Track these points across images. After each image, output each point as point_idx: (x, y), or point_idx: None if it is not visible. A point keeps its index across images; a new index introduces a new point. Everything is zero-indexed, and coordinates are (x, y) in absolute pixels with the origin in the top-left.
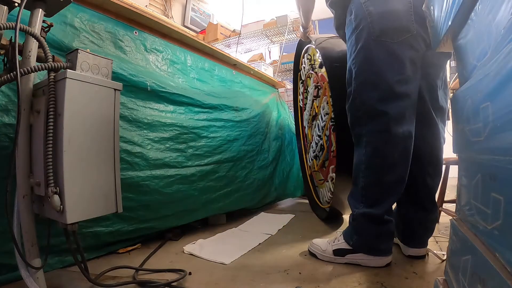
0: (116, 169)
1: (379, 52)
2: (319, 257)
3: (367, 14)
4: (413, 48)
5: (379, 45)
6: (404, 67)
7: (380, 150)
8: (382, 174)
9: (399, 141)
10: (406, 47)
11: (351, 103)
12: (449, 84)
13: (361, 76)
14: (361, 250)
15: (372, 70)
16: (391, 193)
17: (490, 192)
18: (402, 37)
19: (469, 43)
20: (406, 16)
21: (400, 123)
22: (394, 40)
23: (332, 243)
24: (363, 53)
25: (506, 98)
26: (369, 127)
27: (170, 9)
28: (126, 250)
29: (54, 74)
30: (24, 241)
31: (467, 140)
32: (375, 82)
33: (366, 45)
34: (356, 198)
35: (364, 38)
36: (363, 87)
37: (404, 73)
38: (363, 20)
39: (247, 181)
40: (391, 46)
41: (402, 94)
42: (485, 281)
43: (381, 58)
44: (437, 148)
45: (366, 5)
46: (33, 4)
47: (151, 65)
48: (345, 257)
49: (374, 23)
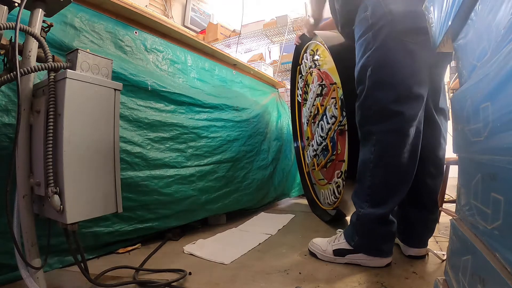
0: (116, 169)
1: (398, 52)
2: (319, 257)
3: (388, 12)
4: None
5: (399, 45)
6: (421, 69)
7: (391, 150)
8: (391, 173)
9: (410, 141)
10: (424, 48)
11: (363, 101)
12: (449, 84)
13: (377, 74)
14: (362, 250)
15: (390, 70)
16: (397, 193)
17: (490, 192)
18: (421, 38)
19: (469, 43)
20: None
21: (412, 124)
22: (414, 41)
23: (332, 243)
24: (381, 51)
25: (506, 98)
26: (381, 126)
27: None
28: (126, 250)
29: (54, 74)
30: (24, 241)
31: (467, 140)
32: (392, 82)
33: (385, 44)
34: (361, 197)
35: (383, 37)
36: (378, 86)
37: (421, 74)
38: (383, 18)
39: (246, 181)
40: (411, 47)
41: (418, 96)
42: (485, 281)
43: (400, 59)
44: (438, 149)
45: (386, 3)
46: (33, 4)
47: (152, 65)
48: (345, 257)
49: (395, 22)
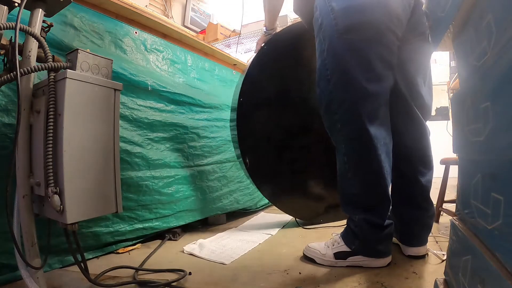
0: (116, 169)
1: (344, 50)
2: (318, 262)
3: (330, 11)
4: (382, 44)
5: (343, 43)
6: (371, 64)
7: (359, 155)
8: (369, 179)
9: (376, 142)
10: (373, 43)
11: (327, 107)
12: (449, 84)
13: (334, 77)
14: (362, 253)
15: (341, 70)
16: (383, 195)
17: (490, 192)
18: (368, 33)
19: (469, 43)
20: (373, 10)
21: (375, 123)
22: (359, 38)
23: (332, 247)
24: (331, 52)
25: (506, 98)
26: (345, 131)
27: (170, 9)
28: (126, 250)
29: (54, 74)
30: (24, 241)
31: (467, 140)
32: (347, 82)
33: (332, 44)
34: (350, 205)
35: (328, 37)
36: (337, 88)
37: (373, 70)
38: (326, 17)
39: (246, 181)
40: (356, 44)
41: (374, 93)
42: (485, 281)
43: (347, 57)
44: (425, 146)
45: (329, 1)
46: (33, 4)
47: (152, 64)
48: (347, 260)
49: (337, 20)
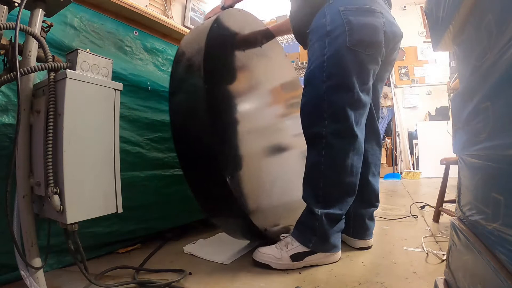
0: (116, 169)
1: (350, 60)
2: (274, 267)
3: (345, 23)
4: (377, 62)
5: (351, 53)
6: (368, 78)
7: (341, 152)
8: (342, 174)
9: (358, 144)
10: (373, 60)
11: (318, 104)
12: (449, 84)
13: (331, 80)
14: (321, 249)
15: (344, 75)
16: (350, 192)
17: (490, 192)
18: (372, 51)
19: (469, 43)
20: (379, 33)
21: (359, 127)
22: (365, 52)
23: (286, 249)
24: (335, 58)
25: (506, 98)
26: (332, 128)
27: (170, 9)
28: (126, 250)
29: (54, 74)
30: (24, 241)
31: (467, 140)
32: (348, 86)
33: (340, 51)
34: (313, 198)
35: (338, 44)
36: (335, 90)
37: (367, 83)
38: (340, 27)
39: None
40: (361, 57)
41: (365, 103)
42: (485, 281)
43: (351, 67)
44: (378, 151)
45: (346, 14)
46: (33, 4)
47: (152, 65)
48: (304, 261)
49: (352, 32)
